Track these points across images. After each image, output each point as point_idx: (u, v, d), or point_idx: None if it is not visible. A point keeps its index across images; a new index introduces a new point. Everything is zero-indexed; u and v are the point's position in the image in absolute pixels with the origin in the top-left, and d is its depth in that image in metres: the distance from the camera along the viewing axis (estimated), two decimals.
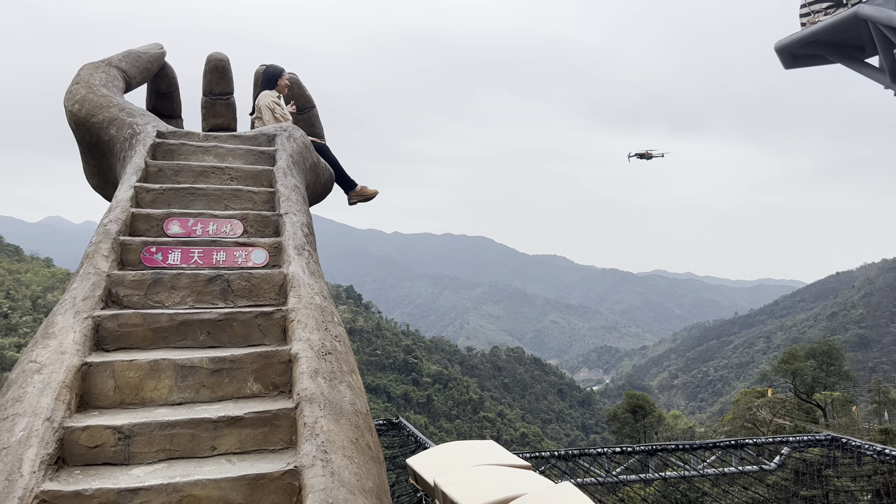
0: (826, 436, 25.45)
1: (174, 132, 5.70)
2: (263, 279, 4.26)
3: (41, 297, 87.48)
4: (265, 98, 7.40)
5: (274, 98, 7.46)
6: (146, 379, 3.46)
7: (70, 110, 5.75)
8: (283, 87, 7.67)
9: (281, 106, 7.48)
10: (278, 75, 7.63)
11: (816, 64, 10.94)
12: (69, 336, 3.42)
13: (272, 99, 7.40)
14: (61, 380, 3.14)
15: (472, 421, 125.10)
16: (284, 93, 7.73)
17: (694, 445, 24.78)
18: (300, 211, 4.95)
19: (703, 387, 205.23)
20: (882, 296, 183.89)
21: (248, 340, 3.89)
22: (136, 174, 4.92)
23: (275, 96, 7.50)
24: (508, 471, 5.88)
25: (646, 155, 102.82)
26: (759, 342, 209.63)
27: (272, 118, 7.22)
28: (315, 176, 6.51)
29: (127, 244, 4.29)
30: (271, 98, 7.41)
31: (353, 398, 3.44)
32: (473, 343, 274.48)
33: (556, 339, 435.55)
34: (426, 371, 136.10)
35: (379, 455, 3.37)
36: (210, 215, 4.73)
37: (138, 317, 3.77)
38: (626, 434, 61.84)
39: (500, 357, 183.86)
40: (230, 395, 3.56)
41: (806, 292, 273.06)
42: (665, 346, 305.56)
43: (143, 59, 6.76)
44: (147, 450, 3.10)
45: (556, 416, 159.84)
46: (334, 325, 3.90)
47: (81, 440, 3.02)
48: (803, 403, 56.19)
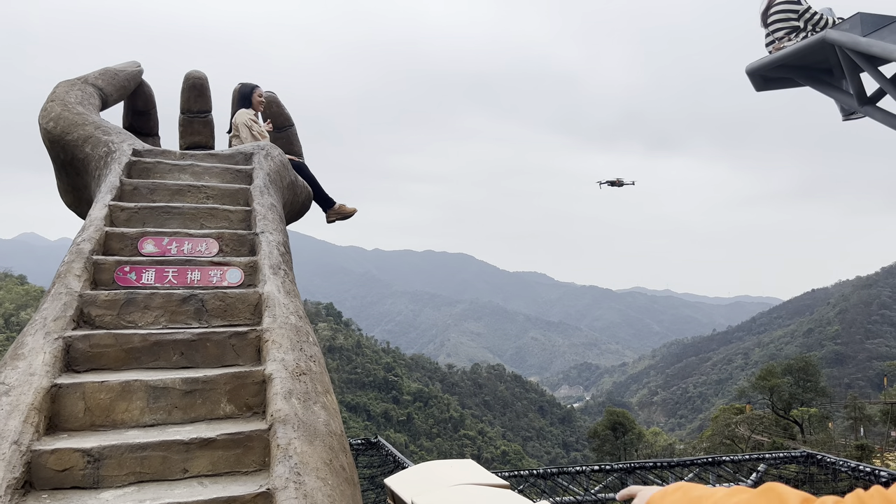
0: (802, 452, 25.66)
1: (150, 150, 5.67)
2: (238, 299, 4.24)
3: (14, 315, 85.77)
4: (242, 116, 7.42)
5: (251, 116, 7.48)
6: (117, 400, 3.42)
7: (45, 128, 5.70)
8: (257, 103, 7.69)
9: (258, 123, 7.50)
10: (250, 92, 7.66)
11: (787, 86, 11.17)
12: (39, 357, 3.38)
13: (249, 117, 7.42)
14: (30, 402, 3.09)
15: (452, 439, 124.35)
16: (260, 109, 7.75)
17: (672, 462, 24.87)
18: (276, 230, 4.94)
19: (682, 403, 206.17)
20: (856, 312, 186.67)
21: (222, 361, 3.86)
22: (111, 192, 4.88)
23: (252, 114, 7.51)
24: (486, 490, 5.87)
25: (616, 182, 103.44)
26: (737, 358, 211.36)
27: (249, 136, 7.23)
28: (293, 194, 6.51)
29: (100, 263, 4.25)
30: (248, 116, 7.43)
31: (328, 419, 3.43)
32: (454, 360, 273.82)
33: (536, 356, 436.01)
34: (406, 389, 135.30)
35: (353, 476, 3.36)
36: (185, 234, 4.71)
37: (110, 337, 3.74)
38: (607, 451, 61.87)
39: (480, 374, 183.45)
40: (203, 416, 3.53)
41: (783, 309, 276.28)
42: (644, 363, 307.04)
43: (121, 77, 6.73)
44: (117, 473, 3.06)
45: (537, 434, 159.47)
46: (309, 346, 3.88)
47: (49, 463, 2.97)
48: (781, 420, 56.65)
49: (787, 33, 10.19)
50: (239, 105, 7.62)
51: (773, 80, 11.10)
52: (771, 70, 10.66)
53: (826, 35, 9.54)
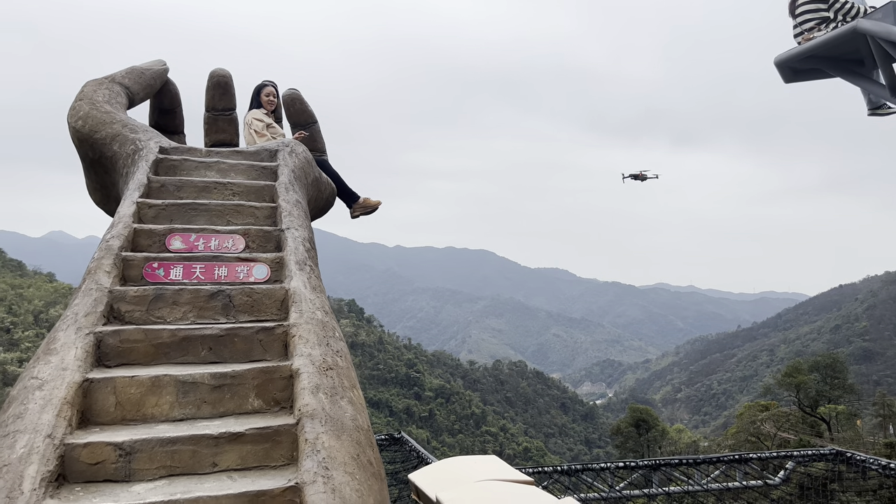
0: (831, 450, 25.25)
1: (177, 148, 5.72)
2: (265, 294, 4.25)
3: (43, 312, 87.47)
4: (247, 117, 7.44)
5: (256, 116, 7.44)
6: (147, 395, 3.45)
7: (73, 127, 5.77)
8: (266, 102, 7.68)
9: (264, 121, 7.46)
10: (257, 93, 7.66)
11: (816, 78, 10.92)
12: (71, 352, 3.42)
13: (254, 117, 7.39)
14: (62, 396, 3.13)
15: (474, 435, 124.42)
16: (270, 108, 7.75)
17: (697, 460, 24.61)
18: (302, 226, 4.95)
19: (706, 400, 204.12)
20: (886, 308, 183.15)
21: (250, 356, 3.87)
22: (139, 190, 4.93)
23: (260, 114, 7.48)
24: (511, 486, 5.85)
25: (640, 176, 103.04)
26: (762, 355, 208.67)
27: (252, 136, 7.21)
28: (317, 191, 6.52)
29: (129, 260, 4.30)
30: (252, 116, 7.40)
31: (355, 414, 3.43)
32: (476, 357, 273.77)
33: (558, 353, 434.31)
34: (428, 385, 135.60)
35: (380, 471, 3.36)
36: (212, 231, 4.73)
37: (140, 332, 3.77)
38: (630, 448, 61.49)
39: (502, 371, 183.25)
40: (231, 410, 3.54)
41: (809, 305, 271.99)
42: (668, 360, 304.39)
43: (147, 76, 6.80)
44: (148, 466, 3.09)
45: (559, 431, 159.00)
46: (335, 341, 3.89)
47: (82, 457, 3.00)
48: (807, 417, 55.86)
49: (817, 24, 9.98)
50: (250, 105, 7.66)
51: (802, 72, 10.89)
52: (800, 61, 10.46)
53: (858, 24, 9.34)
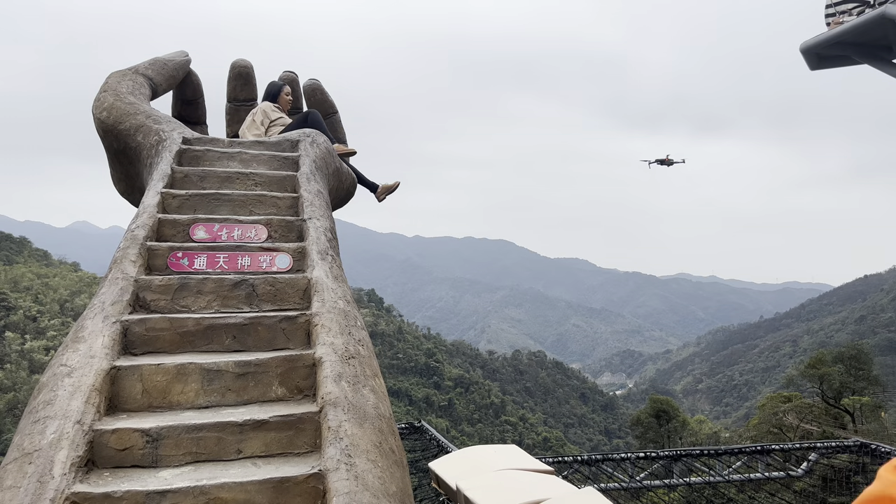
0: (855, 441, 24.94)
1: (199, 138, 5.77)
2: (288, 284, 4.29)
3: (69, 301, 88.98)
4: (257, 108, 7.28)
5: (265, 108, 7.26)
6: (173, 382, 3.50)
7: (98, 117, 5.85)
8: (284, 102, 7.58)
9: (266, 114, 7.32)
10: (278, 92, 7.53)
11: (843, 65, 10.69)
12: (98, 340, 3.48)
13: (262, 109, 7.24)
14: (91, 383, 3.19)
15: (493, 425, 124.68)
16: (286, 107, 7.63)
17: (719, 451, 24.44)
18: (323, 216, 4.98)
19: (728, 391, 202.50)
20: None
21: (273, 344, 3.92)
22: (163, 180, 4.99)
23: (271, 107, 7.31)
24: (531, 475, 5.87)
25: (666, 161, 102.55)
26: (785, 346, 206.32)
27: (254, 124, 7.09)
28: (338, 181, 6.55)
29: (154, 249, 4.36)
30: (261, 108, 7.25)
31: (377, 402, 3.46)
32: (495, 347, 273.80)
33: (578, 343, 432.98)
34: (448, 375, 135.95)
35: (402, 459, 3.38)
36: (235, 220, 4.78)
37: (165, 321, 3.83)
38: (650, 439, 61.20)
39: (521, 361, 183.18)
40: (255, 398, 3.60)
41: (833, 295, 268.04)
42: (689, 350, 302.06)
43: (169, 67, 6.86)
44: (174, 452, 3.15)
45: (579, 421, 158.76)
46: (357, 330, 3.92)
47: (111, 443, 3.07)
48: (831, 409, 55.18)
49: (854, 7, 9.69)
50: (264, 97, 7.55)
51: (829, 59, 10.68)
52: (827, 47, 10.26)
53: (886, 10, 9.14)
